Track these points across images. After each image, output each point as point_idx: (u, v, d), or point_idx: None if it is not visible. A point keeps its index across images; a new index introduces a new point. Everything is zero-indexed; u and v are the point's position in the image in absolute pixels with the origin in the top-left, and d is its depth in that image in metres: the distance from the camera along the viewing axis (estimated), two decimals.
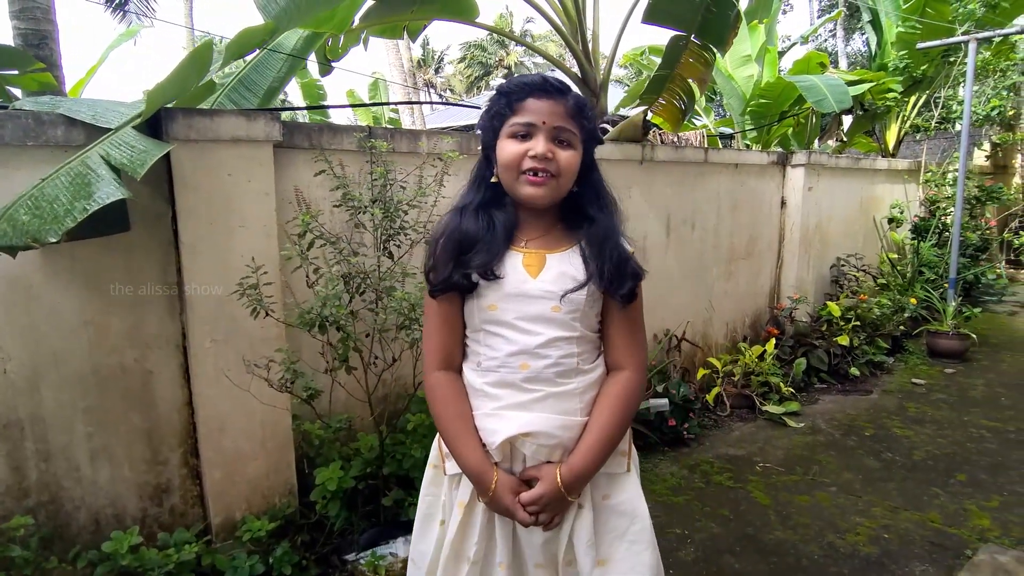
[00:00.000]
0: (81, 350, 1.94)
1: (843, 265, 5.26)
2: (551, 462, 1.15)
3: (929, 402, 3.94)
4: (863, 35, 18.62)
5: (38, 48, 3.97)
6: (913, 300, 5.08)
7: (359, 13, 3.27)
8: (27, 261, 1.81)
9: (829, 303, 4.58)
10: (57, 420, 1.93)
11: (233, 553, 2.03)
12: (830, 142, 7.37)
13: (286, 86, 3.22)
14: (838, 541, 2.43)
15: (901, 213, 5.85)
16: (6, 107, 1.89)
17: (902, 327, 4.94)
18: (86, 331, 1.94)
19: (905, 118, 7.10)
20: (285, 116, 2.98)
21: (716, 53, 3.22)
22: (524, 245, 1.17)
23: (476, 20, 4.00)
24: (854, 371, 4.32)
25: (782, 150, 5.29)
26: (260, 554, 2.05)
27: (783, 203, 4.66)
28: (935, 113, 7.44)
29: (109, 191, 1.58)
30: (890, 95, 6.04)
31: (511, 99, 1.12)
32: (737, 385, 3.86)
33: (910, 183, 6.20)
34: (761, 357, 3.90)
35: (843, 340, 4.29)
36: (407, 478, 2.27)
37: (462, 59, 31.43)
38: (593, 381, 1.18)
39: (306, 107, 5.77)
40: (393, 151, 2.16)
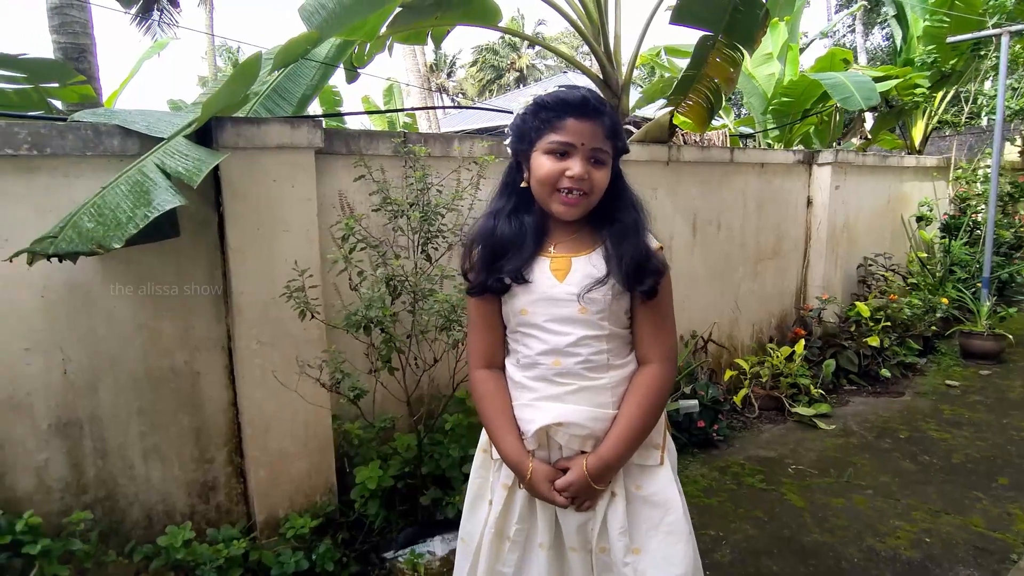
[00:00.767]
0: (135, 353, 2.01)
1: (870, 265, 5.19)
2: (584, 452, 1.21)
3: (965, 404, 3.88)
4: (883, 29, 18.36)
5: (77, 61, 4.10)
6: (944, 300, 5.00)
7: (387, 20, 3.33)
8: (86, 267, 1.89)
9: (858, 303, 4.52)
10: (113, 420, 2.00)
11: (278, 550, 2.08)
12: (854, 140, 7.28)
13: (318, 94, 3.29)
14: (878, 544, 2.41)
15: (930, 211, 5.75)
16: (64, 119, 1.97)
17: (934, 328, 4.87)
18: (140, 334, 2.02)
19: (932, 114, 6.98)
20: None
21: (744, 52, 3.22)
22: (552, 250, 1.22)
23: (499, 24, 4.05)
24: (885, 372, 4.27)
25: (808, 149, 5.25)
26: (303, 551, 2.10)
27: (809, 202, 4.63)
28: (964, 108, 7.31)
29: (166, 198, 1.64)
30: (918, 91, 5.96)
31: (550, 115, 1.14)
32: (765, 386, 3.84)
33: (939, 180, 6.09)
34: (789, 358, 3.87)
35: (873, 341, 4.24)
36: (444, 478, 2.31)
37: (474, 63, 31.61)
38: (625, 376, 1.23)
39: (337, 113, 5.86)
40: (429, 155, 2.21)
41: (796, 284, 4.69)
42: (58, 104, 3.50)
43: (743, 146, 6.20)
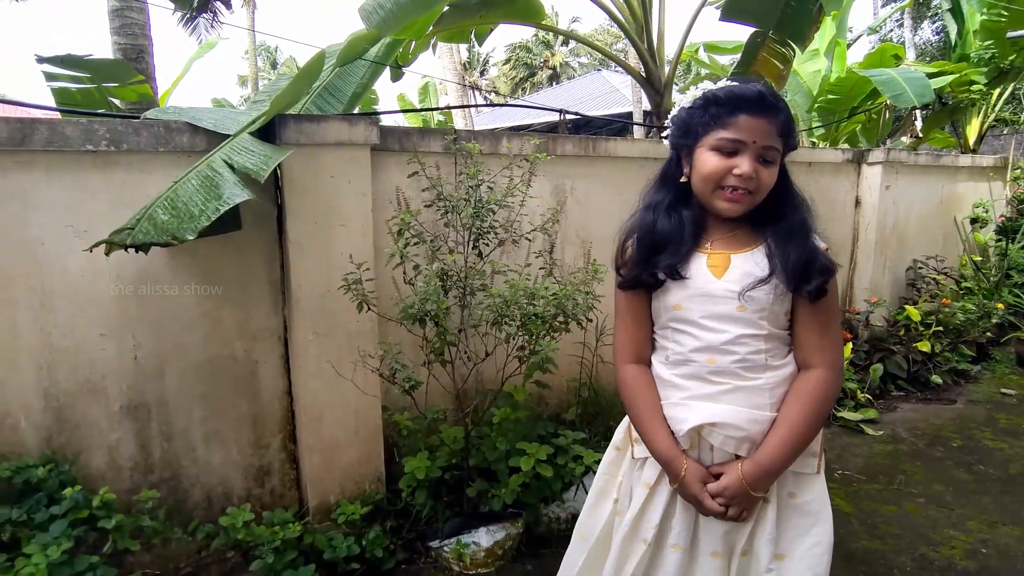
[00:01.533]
0: (198, 340, 2.10)
1: (921, 268, 5.02)
2: (739, 456, 1.17)
3: (1022, 413, 3.73)
4: (933, 24, 17.66)
5: (136, 62, 4.27)
6: (1000, 305, 4.81)
7: None
8: (155, 258, 1.98)
9: (907, 307, 4.39)
10: (178, 404, 2.09)
11: (330, 534, 2.15)
12: (904, 138, 7.05)
13: (367, 92, 3.35)
14: (931, 553, 2.35)
15: (985, 212, 5.54)
16: (137, 117, 2.07)
17: (988, 334, 4.69)
18: (203, 323, 2.11)
19: (988, 112, 6.71)
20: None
21: (795, 49, 3.16)
22: (709, 246, 1.19)
23: (543, 22, 4.06)
24: (936, 379, 4.13)
25: (856, 148, 5.11)
26: (354, 536, 2.16)
27: (858, 202, 4.51)
28: None
29: (235, 192, 1.71)
30: (974, 88, 5.73)
31: (720, 111, 1.10)
32: None
33: (995, 181, 5.85)
34: None
35: (924, 346, 4.11)
36: (490, 471, 2.34)
37: (507, 61, 31.64)
38: (783, 377, 1.18)
39: (393, 111, 5.97)
40: (481, 153, 2.24)
41: (842, 286, 4.58)
42: (117, 103, 3.66)
43: None
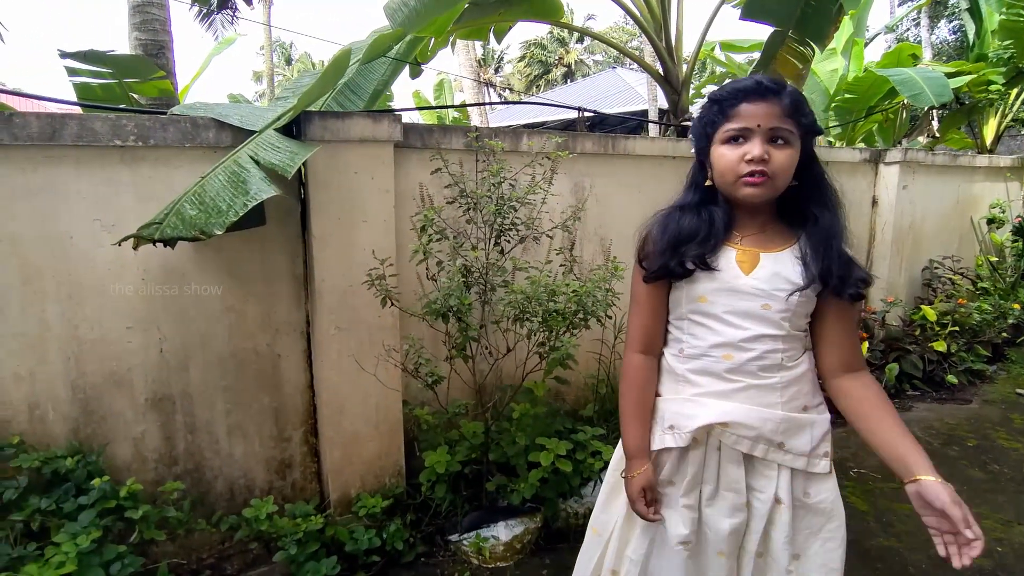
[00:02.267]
0: (222, 334, 2.13)
1: (937, 268, 4.99)
2: (753, 456, 1.17)
3: None
4: (950, 23, 17.46)
5: (156, 57, 4.30)
6: (1016, 305, 4.78)
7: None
8: (180, 252, 2.00)
9: (923, 307, 4.37)
10: (202, 397, 2.12)
11: (351, 527, 2.17)
12: (920, 138, 7.00)
13: (387, 89, 3.37)
14: None
15: (1002, 213, 5.49)
16: (162, 113, 2.09)
17: (1004, 334, 4.66)
18: (227, 317, 2.13)
19: (1006, 112, 6.65)
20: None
21: (815, 48, 3.15)
22: (739, 242, 1.19)
23: (561, 20, 4.06)
24: (951, 379, 4.11)
25: (873, 148, 5.08)
26: (375, 529, 2.19)
27: (874, 202, 4.48)
28: None
29: (262, 188, 1.73)
30: (992, 88, 5.68)
31: (723, 106, 1.12)
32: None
33: (1012, 181, 5.80)
34: None
35: (939, 346, 4.09)
36: (509, 465, 2.36)
37: (521, 58, 31.56)
38: (795, 377, 1.19)
39: (416, 108, 6.00)
40: (503, 150, 2.25)
41: None
42: (137, 98, 3.70)
43: None
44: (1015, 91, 6.43)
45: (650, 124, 8.93)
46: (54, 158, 1.84)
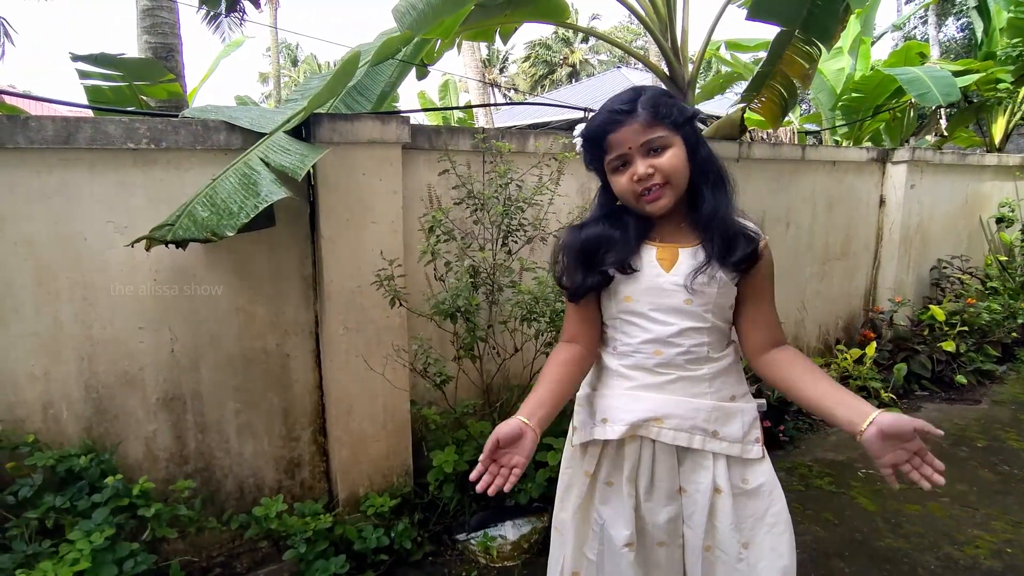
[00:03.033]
0: (232, 334, 2.15)
1: (945, 267, 4.97)
2: (690, 448, 1.21)
3: None
4: (958, 21, 17.35)
5: (166, 60, 4.34)
6: None
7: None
8: (191, 253, 2.02)
9: (932, 307, 4.35)
10: (212, 396, 2.14)
11: (360, 526, 2.19)
12: (928, 137, 6.95)
13: (394, 91, 3.39)
14: (956, 553, 2.34)
15: (1011, 212, 5.46)
16: (173, 115, 2.12)
17: (1014, 334, 4.63)
18: (237, 317, 2.15)
19: (1014, 110, 6.60)
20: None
21: (821, 48, 3.14)
22: (658, 240, 1.23)
23: (567, 21, 4.07)
24: (960, 379, 4.09)
25: (880, 147, 5.06)
26: (383, 528, 2.20)
27: (882, 201, 4.47)
28: None
29: (273, 190, 1.75)
30: (1000, 86, 5.64)
31: (595, 143, 1.18)
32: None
33: (1021, 180, 5.76)
34: (859, 360, 3.77)
35: (948, 346, 4.07)
36: None
37: (526, 58, 31.57)
38: (723, 368, 1.25)
39: (425, 109, 6.01)
40: (510, 151, 2.26)
41: (865, 286, 4.54)
42: (147, 101, 3.73)
43: (814, 143, 6.02)
44: (1023, 90, 6.39)
45: None
46: (69, 161, 1.87)
